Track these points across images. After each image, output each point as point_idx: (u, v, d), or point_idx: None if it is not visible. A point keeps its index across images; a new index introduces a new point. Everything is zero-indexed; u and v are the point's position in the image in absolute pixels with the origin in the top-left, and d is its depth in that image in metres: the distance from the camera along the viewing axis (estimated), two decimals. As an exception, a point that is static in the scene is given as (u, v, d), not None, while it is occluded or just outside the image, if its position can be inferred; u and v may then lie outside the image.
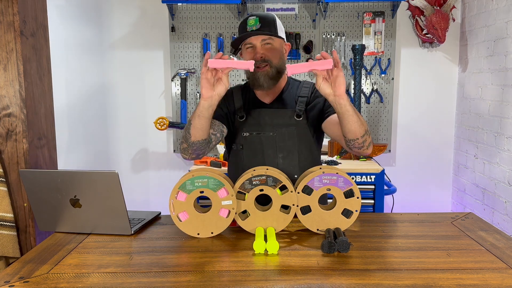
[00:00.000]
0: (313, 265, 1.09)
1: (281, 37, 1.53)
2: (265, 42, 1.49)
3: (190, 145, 1.43)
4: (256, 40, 1.48)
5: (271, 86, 1.50)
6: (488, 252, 1.17)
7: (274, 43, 1.50)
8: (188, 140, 1.43)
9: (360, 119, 1.33)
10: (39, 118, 1.62)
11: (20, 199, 1.57)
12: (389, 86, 3.16)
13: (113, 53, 3.19)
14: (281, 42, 1.54)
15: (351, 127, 1.33)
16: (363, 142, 1.37)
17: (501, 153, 2.59)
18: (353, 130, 1.33)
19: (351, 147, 1.40)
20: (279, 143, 1.52)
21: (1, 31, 1.50)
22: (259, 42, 1.48)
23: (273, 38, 1.50)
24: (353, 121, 1.32)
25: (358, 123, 1.32)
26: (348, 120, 1.32)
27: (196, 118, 1.37)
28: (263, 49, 1.48)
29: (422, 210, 3.14)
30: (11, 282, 1.01)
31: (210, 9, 3.12)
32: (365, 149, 1.40)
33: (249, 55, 1.51)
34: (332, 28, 3.13)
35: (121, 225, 1.31)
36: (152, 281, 1.02)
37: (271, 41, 1.49)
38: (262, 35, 1.48)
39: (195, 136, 1.41)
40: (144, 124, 3.25)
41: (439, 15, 2.92)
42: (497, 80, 2.64)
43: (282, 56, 1.53)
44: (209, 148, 1.49)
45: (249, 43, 1.50)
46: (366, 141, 1.38)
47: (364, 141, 1.37)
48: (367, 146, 1.40)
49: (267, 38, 1.49)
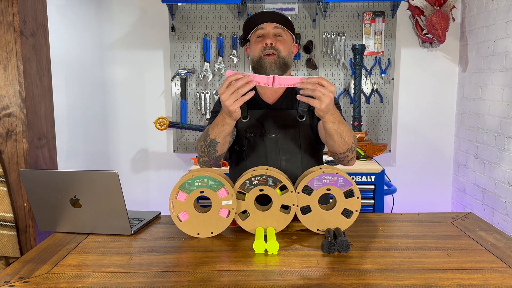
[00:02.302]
0: (313, 265, 1.09)
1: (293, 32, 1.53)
2: (277, 32, 1.49)
3: (213, 159, 1.45)
4: (268, 26, 1.48)
5: None
6: (488, 252, 1.17)
7: (284, 35, 1.50)
8: (211, 155, 1.44)
9: (343, 138, 1.33)
10: (39, 118, 1.62)
11: (20, 199, 1.57)
12: (389, 86, 3.16)
13: (113, 53, 3.19)
14: (290, 38, 1.54)
15: (333, 143, 1.36)
16: (344, 157, 1.43)
17: (501, 153, 2.59)
18: (331, 145, 1.38)
19: (333, 156, 1.47)
20: (282, 145, 1.51)
21: (1, 31, 1.50)
22: (272, 29, 1.48)
23: (285, 31, 1.50)
24: (333, 139, 1.34)
25: (338, 142, 1.34)
26: (330, 137, 1.34)
27: (222, 135, 1.36)
28: (274, 39, 1.48)
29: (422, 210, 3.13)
30: (11, 282, 1.01)
31: (210, 9, 3.12)
32: (345, 163, 1.47)
33: (258, 44, 1.48)
34: (332, 28, 3.13)
35: (121, 225, 1.31)
36: (152, 281, 1.02)
37: (282, 33, 1.50)
38: (276, 22, 1.48)
39: (221, 151, 1.43)
40: (144, 124, 3.25)
41: (439, 15, 2.92)
42: (497, 80, 2.64)
43: (290, 52, 1.53)
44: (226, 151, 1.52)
45: (261, 28, 1.49)
46: (347, 157, 1.43)
47: (345, 157, 1.43)
48: (348, 161, 1.46)
49: (279, 27, 1.48)
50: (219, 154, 1.44)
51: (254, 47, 1.50)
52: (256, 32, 1.51)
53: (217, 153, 1.43)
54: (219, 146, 1.40)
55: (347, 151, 1.39)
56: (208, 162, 1.48)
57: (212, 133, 1.38)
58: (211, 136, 1.39)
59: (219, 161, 1.50)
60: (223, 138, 1.38)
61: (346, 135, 1.34)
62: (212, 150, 1.42)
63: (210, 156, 1.45)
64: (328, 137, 1.34)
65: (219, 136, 1.37)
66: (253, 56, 1.51)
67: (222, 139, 1.38)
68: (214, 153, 1.43)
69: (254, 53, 1.49)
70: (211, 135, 1.39)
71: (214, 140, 1.39)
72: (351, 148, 1.39)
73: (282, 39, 1.49)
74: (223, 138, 1.38)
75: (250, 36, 1.54)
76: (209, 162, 1.48)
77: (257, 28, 1.50)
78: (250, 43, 1.54)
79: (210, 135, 1.39)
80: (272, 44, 1.46)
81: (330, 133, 1.32)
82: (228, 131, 1.36)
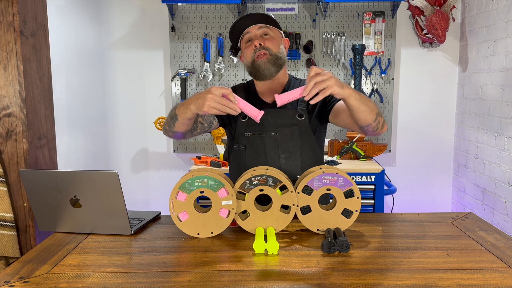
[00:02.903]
0: (313, 265, 1.09)
1: (278, 27, 1.54)
2: (263, 31, 1.50)
3: (171, 131, 1.49)
4: (253, 29, 1.50)
5: (273, 74, 1.50)
6: (488, 252, 1.17)
7: (271, 33, 1.51)
8: (170, 128, 1.48)
9: (368, 106, 1.34)
10: (39, 118, 1.62)
11: (20, 199, 1.57)
12: (389, 86, 3.16)
13: (113, 53, 3.19)
14: (279, 34, 1.55)
15: (361, 115, 1.35)
16: (376, 125, 1.40)
17: (501, 153, 2.59)
18: (363, 118, 1.35)
19: (365, 131, 1.44)
20: (281, 144, 1.52)
21: (1, 31, 1.50)
22: (257, 30, 1.50)
23: (271, 28, 1.51)
24: (361, 111, 1.33)
25: (367, 111, 1.34)
26: (358, 111, 1.33)
27: (183, 117, 1.40)
28: (261, 39, 1.49)
29: (422, 210, 3.14)
30: (11, 282, 1.01)
31: (210, 9, 3.12)
32: (379, 130, 1.43)
33: (249, 48, 1.51)
34: (332, 28, 3.13)
35: (121, 225, 1.31)
36: (152, 281, 1.02)
37: (268, 31, 1.51)
38: (258, 23, 1.49)
39: (179, 129, 1.47)
40: (144, 124, 3.25)
41: (439, 15, 2.92)
42: (497, 80, 2.64)
43: (281, 47, 1.53)
44: (191, 134, 1.55)
45: (247, 32, 1.51)
46: (380, 122, 1.40)
47: (377, 124, 1.40)
48: (381, 127, 1.43)
49: (264, 26, 1.50)
50: (175, 131, 1.48)
51: (246, 53, 1.53)
52: (244, 38, 1.53)
53: (174, 128, 1.46)
54: (177, 123, 1.44)
55: (377, 117, 1.38)
56: (166, 131, 1.53)
57: (178, 108, 1.42)
58: (176, 111, 1.43)
59: (177, 137, 1.53)
60: (183, 119, 1.41)
61: (368, 102, 1.35)
62: (171, 123, 1.46)
63: (169, 128, 1.49)
64: (358, 113, 1.34)
65: (180, 115, 1.41)
66: (246, 62, 1.54)
67: (181, 119, 1.41)
68: (172, 127, 1.47)
69: (247, 58, 1.53)
70: (177, 110, 1.43)
71: (176, 115, 1.43)
72: (379, 112, 1.40)
73: (269, 37, 1.51)
74: (182, 119, 1.41)
75: (240, 44, 1.57)
76: (168, 132, 1.52)
77: (243, 34, 1.53)
78: (242, 51, 1.57)
79: (176, 110, 1.43)
80: (261, 44, 1.48)
81: (357, 108, 1.32)
82: (189, 117, 1.39)
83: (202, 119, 1.53)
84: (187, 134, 1.53)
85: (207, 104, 1.29)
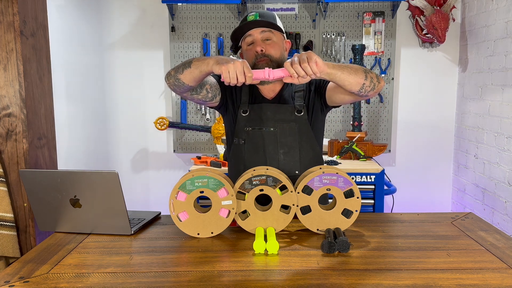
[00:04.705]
0: (313, 265, 1.09)
1: (281, 31, 1.53)
2: (265, 36, 1.49)
3: (176, 79, 1.41)
4: (255, 32, 1.49)
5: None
6: (488, 252, 1.17)
7: (274, 37, 1.51)
8: (176, 73, 1.41)
9: (352, 68, 1.33)
10: (39, 118, 1.62)
11: (20, 199, 1.57)
12: (389, 86, 3.16)
13: (113, 53, 3.19)
14: (281, 38, 1.55)
15: (350, 81, 1.32)
16: (370, 82, 1.36)
17: (501, 153, 2.59)
18: (354, 82, 1.33)
19: (366, 95, 1.39)
20: (280, 139, 1.52)
21: (1, 31, 1.50)
22: (259, 34, 1.49)
23: (273, 32, 1.51)
24: (346, 79, 1.31)
25: (352, 75, 1.32)
26: (346, 82, 1.32)
27: (196, 69, 1.35)
28: (263, 44, 1.49)
29: (422, 210, 3.14)
30: (11, 282, 1.01)
31: (210, 9, 3.12)
32: (377, 85, 1.38)
33: (250, 51, 1.51)
34: (332, 28, 3.13)
35: (121, 225, 1.31)
36: (152, 281, 1.02)
37: (271, 35, 1.50)
38: (261, 26, 1.48)
39: (185, 77, 1.39)
40: (144, 124, 3.25)
41: (439, 15, 2.92)
42: (497, 80, 2.64)
43: (283, 51, 1.54)
44: (190, 95, 1.49)
45: (249, 35, 1.50)
46: (373, 79, 1.36)
47: (371, 81, 1.36)
48: (377, 82, 1.38)
49: (267, 31, 1.49)
50: (179, 78, 1.40)
51: (246, 55, 1.53)
52: (245, 40, 1.53)
53: (180, 74, 1.39)
54: (187, 71, 1.37)
55: (366, 76, 1.35)
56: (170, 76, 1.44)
57: (195, 60, 1.37)
58: (192, 61, 1.38)
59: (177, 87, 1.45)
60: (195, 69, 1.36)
61: (350, 66, 1.33)
62: (180, 69, 1.40)
63: (174, 73, 1.42)
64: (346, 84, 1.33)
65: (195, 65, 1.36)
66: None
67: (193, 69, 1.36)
68: (179, 73, 1.40)
69: (248, 61, 1.51)
70: (193, 60, 1.37)
71: (190, 63, 1.37)
72: (366, 70, 1.36)
73: (271, 42, 1.50)
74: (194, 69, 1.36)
75: (241, 43, 1.56)
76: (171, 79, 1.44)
77: (245, 36, 1.52)
78: (242, 50, 1.57)
79: (192, 60, 1.38)
80: (263, 50, 1.48)
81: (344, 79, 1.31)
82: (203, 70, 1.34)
83: (210, 87, 1.50)
84: (188, 90, 1.46)
85: (227, 67, 1.25)
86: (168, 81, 1.46)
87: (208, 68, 1.32)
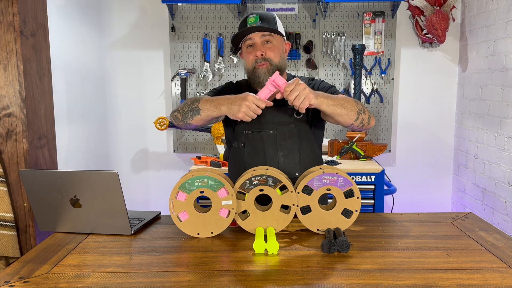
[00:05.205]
0: (313, 265, 1.09)
1: (281, 34, 1.53)
2: (265, 39, 1.50)
3: (183, 122, 1.50)
4: (256, 36, 1.50)
5: None
6: (488, 252, 1.17)
7: (274, 41, 1.51)
8: (185, 118, 1.48)
9: (345, 108, 1.38)
10: (39, 118, 1.62)
11: (20, 199, 1.57)
12: (389, 86, 3.16)
13: (113, 53, 3.19)
14: (281, 40, 1.55)
15: (340, 118, 1.40)
16: (360, 123, 1.43)
17: (501, 153, 2.59)
18: (343, 120, 1.40)
19: (353, 129, 1.48)
20: (279, 141, 1.53)
21: (1, 31, 1.50)
22: (259, 38, 1.50)
23: (273, 35, 1.51)
24: (338, 114, 1.38)
25: (344, 113, 1.38)
26: (335, 114, 1.38)
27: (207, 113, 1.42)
28: (263, 48, 1.49)
29: (422, 210, 3.14)
30: (11, 282, 1.01)
31: (210, 9, 3.12)
32: (366, 126, 1.46)
33: (250, 54, 1.51)
34: (332, 28, 3.13)
35: (121, 225, 1.31)
36: (152, 281, 1.02)
37: (271, 39, 1.51)
38: (262, 31, 1.49)
39: (195, 122, 1.47)
40: (144, 124, 3.25)
41: (439, 15, 2.92)
42: (497, 80, 2.64)
43: (282, 55, 1.54)
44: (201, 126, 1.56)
45: (249, 39, 1.51)
46: (364, 120, 1.43)
47: (361, 122, 1.43)
48: (367, 123, 1.45)
49: (267, 34, 1.50)
50: (191, 123, 1.49)
51: (246, 58, 1.54)
52: (246, 42, 1.53)
53: (191, 121, 1.47)
54: (198, 118, 1.45)
55: (358, 116, 1.41)
56: (178, 120, 1.52)
57: (203, 104, 1.43)
58: (199, 106, 1.44)
59: (188, 128, 1.55)
60: (206, 116, 1.43)
61: (346, 104, 1.39)
62: (189, 115, 1.46)
63: (183, 118, 1.49)
64: (335, 116, 1.39)
65: (205, 112, 1.42)
66: (247, 67, 1.55)
67: (205, 116, 1.43)
68: (188, 119, 1.48)
69: (248, 64, 1.54)
70: (200, 105, 1.43)
71: (198, 110, 1.43)
72: (360, 110, 1.42)
73: (271, 46, 1.51)
74: (206, 116, 1.43)
75: (241, 45, 1.57)
76: (179, 122, 1.52)
77: (245, 39, 1.53)
78: (242, 52, 1.58)
79: (200, 105, 1.44)
80: (263, 55, 1.49)
81: (332, 112, 1.37)
82: (215, 115, 1.42)
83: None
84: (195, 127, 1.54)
85: (243, 111, 1.33)
86: (177, 123, 1.54)
87: (220, 113, 1.40)
